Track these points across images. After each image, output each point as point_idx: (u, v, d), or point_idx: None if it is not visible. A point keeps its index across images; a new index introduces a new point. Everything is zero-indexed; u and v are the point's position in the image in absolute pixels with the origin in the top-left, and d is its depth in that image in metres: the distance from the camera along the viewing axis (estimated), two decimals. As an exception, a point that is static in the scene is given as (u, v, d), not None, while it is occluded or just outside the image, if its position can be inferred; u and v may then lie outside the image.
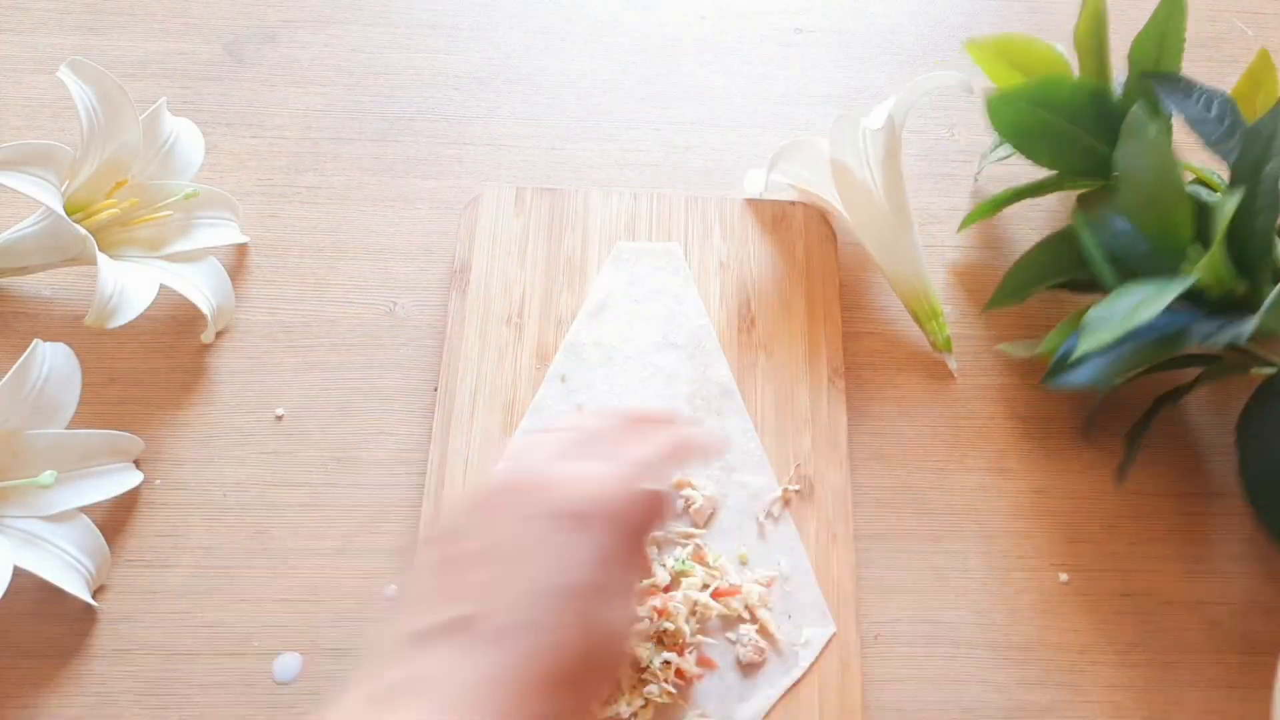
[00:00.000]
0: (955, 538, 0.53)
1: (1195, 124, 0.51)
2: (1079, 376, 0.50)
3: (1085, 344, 0.47)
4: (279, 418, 0.54)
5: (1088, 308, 0.50)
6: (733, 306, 0.56)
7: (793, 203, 0.59)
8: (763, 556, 0.49)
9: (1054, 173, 0.56)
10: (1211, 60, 0.69)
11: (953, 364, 0.56)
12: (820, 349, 0.55)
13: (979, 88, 0.54)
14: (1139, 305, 0.47)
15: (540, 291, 0.56)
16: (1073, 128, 0.54)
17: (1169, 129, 0.52)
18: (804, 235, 0.58)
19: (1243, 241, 0.48)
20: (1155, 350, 0.49)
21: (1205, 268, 0.46)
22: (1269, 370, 0.49)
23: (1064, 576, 0.52)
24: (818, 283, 0.57)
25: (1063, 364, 0.50)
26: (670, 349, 0.54)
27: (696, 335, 0.55)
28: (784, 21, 0.70)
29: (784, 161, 0.57)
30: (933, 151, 0.64)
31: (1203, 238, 0.49)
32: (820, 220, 0.59)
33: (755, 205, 0.59)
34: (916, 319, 0.57)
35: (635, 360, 0.54)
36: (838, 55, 0.68)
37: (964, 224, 0.59)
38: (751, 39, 0.69)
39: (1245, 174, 0.47)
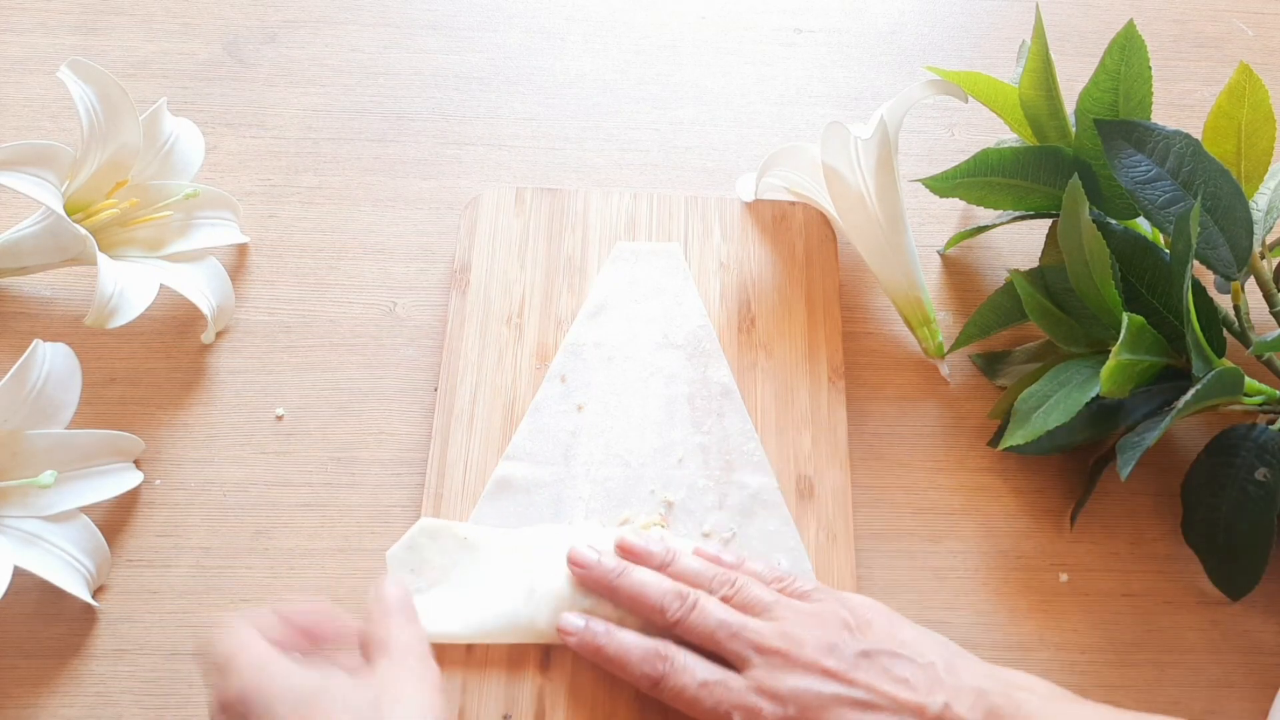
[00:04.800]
0: (955, 538, 0.53)
1: (1138, 188, 0.50)
2: (1023, 448, 0.51)
3: (1009, 439, 0.49)
4: (279, 418, 0.54)
5: (1039, 361, 0.54)
6: (733, 306, 0.56)
7: (793, 203, 0.59)
8: (762, 557, 0.49)
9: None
10: (1212, 60, 0.69)
11: (945, 369, 0.56)
12: (820, 349, 0.55)
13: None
14: (1057, 402, 0.48)
15: (540, 291, 0.56)
16: (1023, 183, 0.54)
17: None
18: (804, 235, 0.58)
19: (1164, 316, 0.50)
20: (1090, 429, 0.51)
21: (1108, 378, 0.46)
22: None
23: (1064, 576, 0.52)
24: (817, 283, 0.57)
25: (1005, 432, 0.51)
26: (670, 349, 0.54)
27: (696, 335, 0.55)
28: (784, 22, 0.70)
29: (776, 167, 0.57)
30: (933, 152, 0.64)
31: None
32: (820, 220, 0.59)
33: (755, 205, 0.59)
34: (909, 325, 0.56)
35: (635, 360, 0.54)
36: (838, 55, 0.68)
37: (948, 245, 0.60)
38: (751, 39, 0.69)
39: (1178, 255, 0.48)
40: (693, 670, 0.42)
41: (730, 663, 0.42)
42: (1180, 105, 0.67)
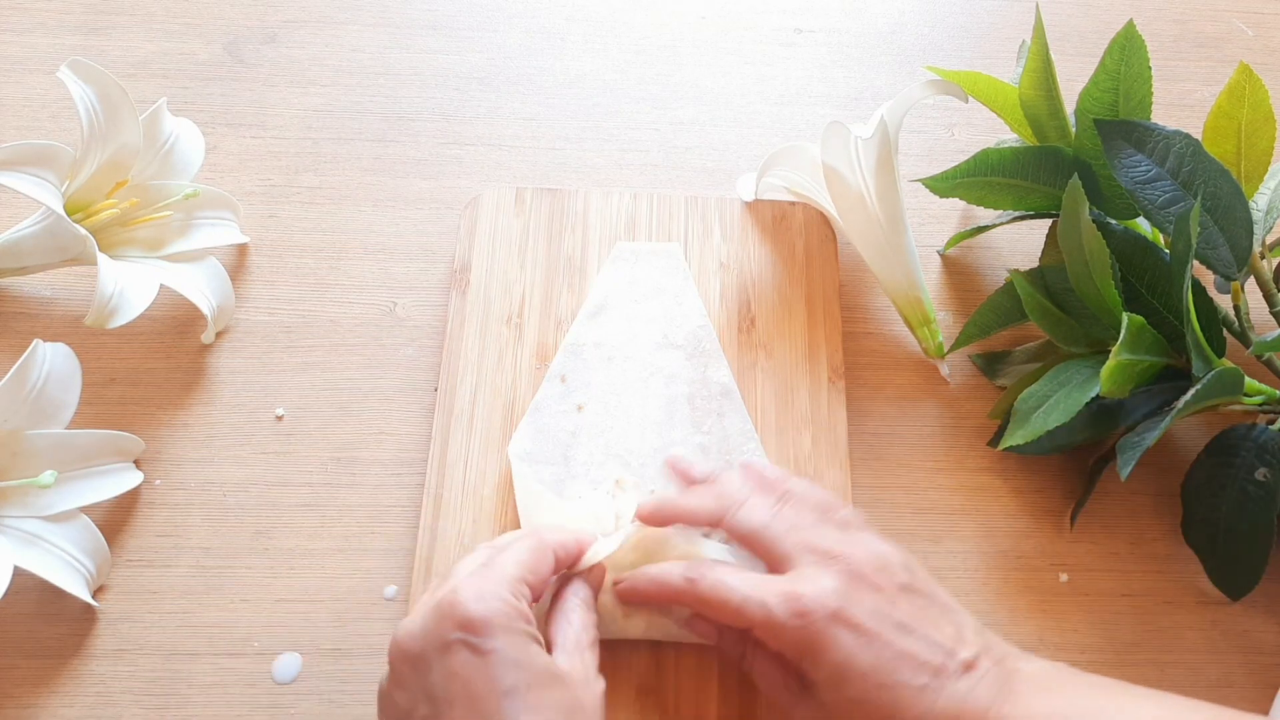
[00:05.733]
0: (955, 538, 0.53)
1: (1137, 188, 0.50)
2: (1023, 448, 0.51)
3: (1009, 439, 0.49)
4: (279, 418, 0.54)
5: (1039, 361, 0.54)
6: (733, 306, 0.56)
7: (793, 203, 0.59)
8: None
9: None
10: (1212, 60, 0.69)
11: (945, 369, 0.56)
12: (820, 349, 0.55)
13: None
14: (1057, 402, 0.48)
15: (540, 291, 0.56)
16: (1023, 183, 0.54)
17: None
18: (804, 235, 0.58)
19: (1164, 316, 0.50)
20: (1090, 429, 0.51)
21: (1108, 378, 0.46)
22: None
23: (1064, 576, 0.52)
24: (817, 283, 0.57)
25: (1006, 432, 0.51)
26: (670, 349, 0.54)
27: (696, 335, 0.55)
28: (784, 22, 0.70)
29: (776, 167, 0.57)
30: (932, 152, 0.64)
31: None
32: (820, 220, 0.59)
33: (755, 205, 0.59)
34: (909, 325, 0.56)
35: (635, 360, 0.54)
36: (838, 55, 0.68)
37: (948, 245, 0.60)
38: (751, 39, 0.69)
39: (1178, 255, 0.48)
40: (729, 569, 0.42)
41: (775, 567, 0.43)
42: (1180, 105, 0.67)
